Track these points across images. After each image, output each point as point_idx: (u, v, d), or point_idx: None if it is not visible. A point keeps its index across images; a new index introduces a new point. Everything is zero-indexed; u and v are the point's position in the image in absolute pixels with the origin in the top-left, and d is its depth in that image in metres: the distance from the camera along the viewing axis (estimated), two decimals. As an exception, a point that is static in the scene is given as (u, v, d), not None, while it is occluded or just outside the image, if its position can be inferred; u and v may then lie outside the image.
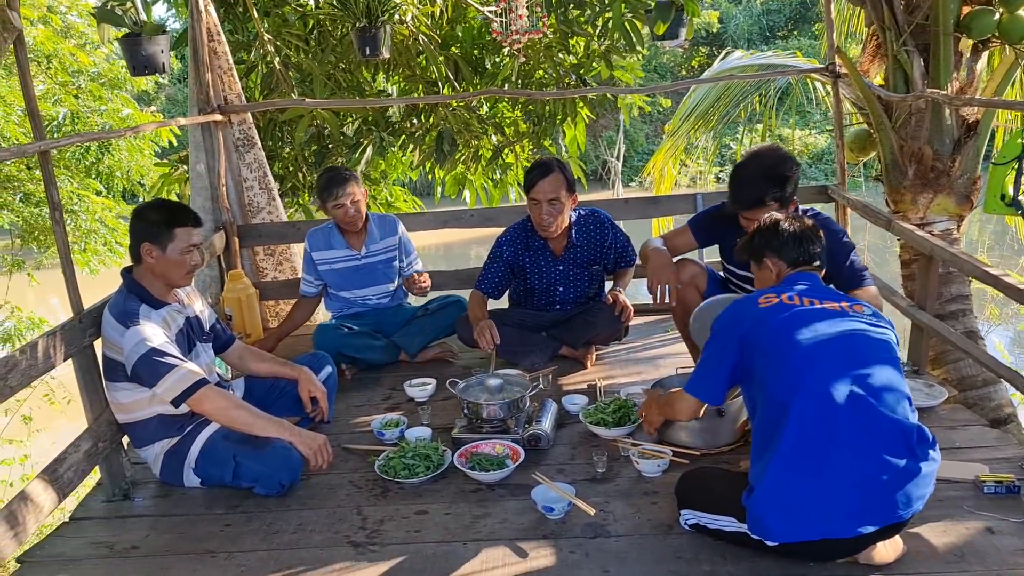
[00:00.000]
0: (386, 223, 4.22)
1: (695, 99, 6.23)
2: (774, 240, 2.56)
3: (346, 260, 4.11)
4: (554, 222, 3.67)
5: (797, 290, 2.38)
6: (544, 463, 3.04)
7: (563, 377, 3.87)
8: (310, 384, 3.29)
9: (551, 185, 3.60)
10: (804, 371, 2.17)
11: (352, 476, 3.05)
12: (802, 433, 2.12)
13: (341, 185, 3.92)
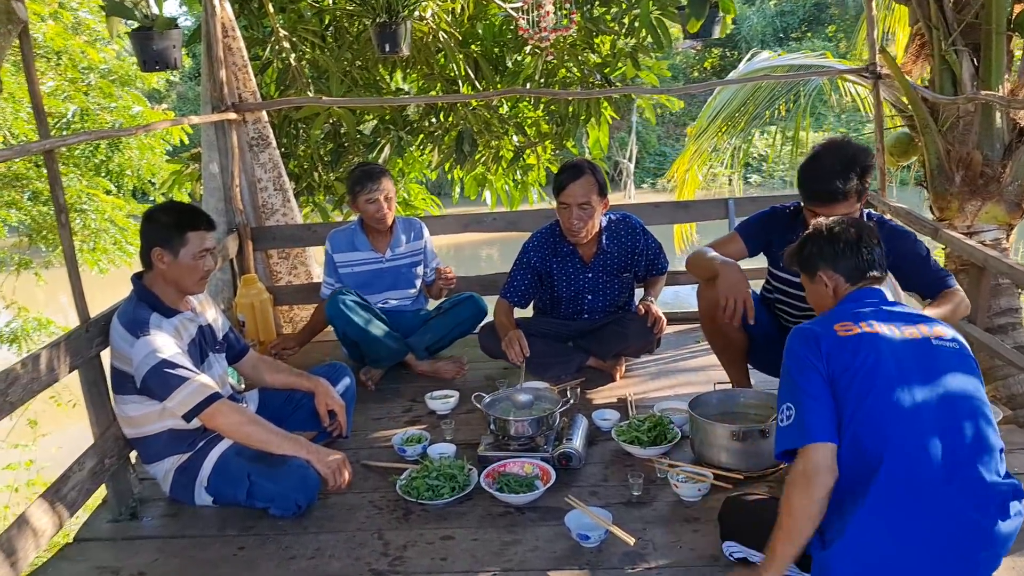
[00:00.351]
0: (412, 227, 4.07)
1: (721, 101, 6.05)
2: (829, 249, 2.27)
3: (369, 263, 3.96)
4: (584, 227, 3.49)
5: (872, 314, 2.11)
6: (576, 484, 2.87)
7: (591, 390, 3.69)
8: (327, 397, 3.12)
9: (582, 188, 3.43)
10: (898, 424, 1.93)
11: (372, 496, 2.88)
12: (892, 492, 1.90)
13: (376, 179, 3.79)
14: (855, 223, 2.32)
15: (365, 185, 3.78)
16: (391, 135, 5.74)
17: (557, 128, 5.60)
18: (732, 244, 3.16)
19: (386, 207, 3.84)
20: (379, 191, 3.79)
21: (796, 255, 2.39)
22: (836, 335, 2.04)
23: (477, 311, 4.00)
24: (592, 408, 3.43)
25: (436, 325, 3.96)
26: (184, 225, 2.79)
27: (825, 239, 2.31)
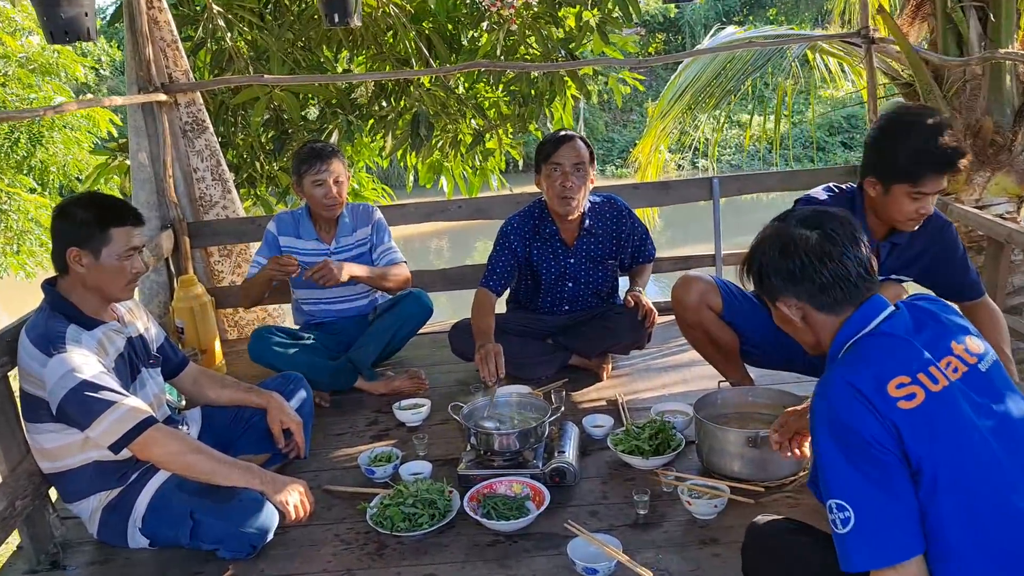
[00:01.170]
0: (360, 212, 3.62)
1: (687, 77, 5.75)
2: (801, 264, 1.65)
3: (314, 254, 3.50)
4: (578, 193, 3.16)
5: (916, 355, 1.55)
6: (571, 504, 2.52)
7: (576, 392, 3.34)
8: (281, 413, 2.73)
9: (575, 150, 3.13)
10: (989, 494, 1.46)
11: (339, 528, 2.49)
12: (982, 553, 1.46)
13: (324, 159, 3.35)
14: (812, 219, 1.72)
15: (312, 165, 3.35)
16: (339, 119, 5.29)
17: (520, 109, 5.23)
18: None
19: (335, 190, 3.39)
20: (327, 172, 3.36)
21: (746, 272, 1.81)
22: (896, 406, 1.48)
23: (420, 308, 3.53)
24: (580, 413, 3.09)
25: (376, 333, 3.48)
26: (106, 220, 2.36)
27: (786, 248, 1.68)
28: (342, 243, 3.54)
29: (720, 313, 2.86)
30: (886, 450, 1.46)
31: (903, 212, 2.41)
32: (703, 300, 2.84)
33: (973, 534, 1.43)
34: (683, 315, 2.91)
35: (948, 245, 2.60)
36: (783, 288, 1.69)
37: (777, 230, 1.73)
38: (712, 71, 5.45)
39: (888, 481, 1.45)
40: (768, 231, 1.76)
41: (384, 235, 3.61)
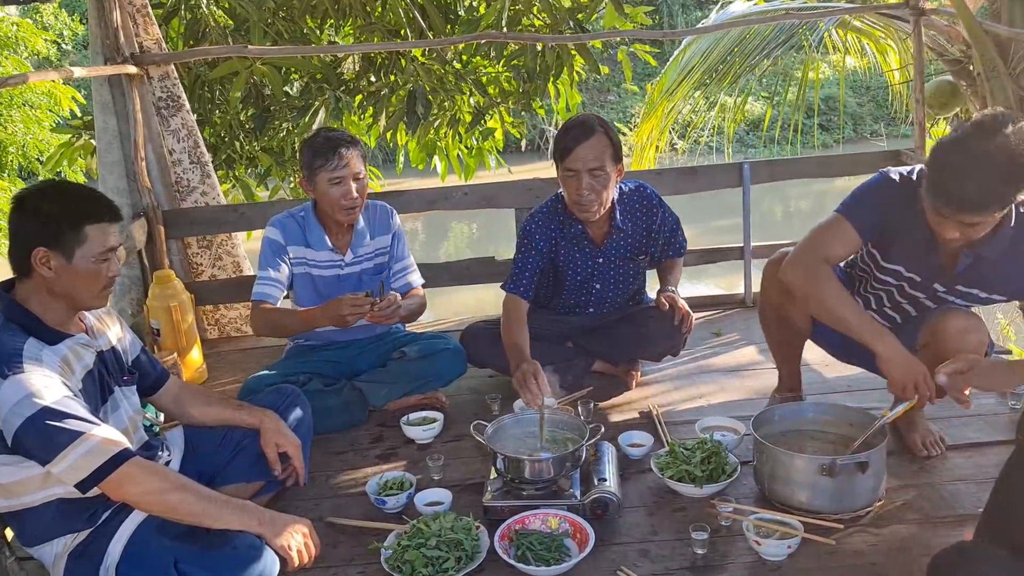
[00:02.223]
0: (378, 215, 3.09)
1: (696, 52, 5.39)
2: None
3: (324, 266, 2.99)
4: (597, 200, 2.78)
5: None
6: (616, 541, 2.19)
7: (602, 403, 3.00)
8: (277, 435, 2.36)
9: (593, 150, 2.71)
10: None
11: (348, 572, 2.16)
12: None
13: (344, 152, 2.78)
14: None
15: (329, 159, 2.77)
16: (326, 95, 4.88)
17: (523, 85, 4.85)
18: (843, 238, 2.30)
19: (357, 191, 2.83)
20: (345, 167, 2.79)
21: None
22: None
23: (458, 367, 3.06)
24: (610, 427, 2.76)
25: (401, 377, 3.00)
26: (80, 216, 1.97)
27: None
28: (358, 253, 3.02)
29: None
30: None
31: (930, 222, 2.14)
32: None
33: None
34: (778, 299, 2.55)
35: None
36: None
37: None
38: (725, 47, 5.10)
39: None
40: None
41: (404, 247, 3.13)
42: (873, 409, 2.69)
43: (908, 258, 2.34)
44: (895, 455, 2.50)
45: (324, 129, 2.89)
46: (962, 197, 1.99)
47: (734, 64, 4.79)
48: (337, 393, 2.94)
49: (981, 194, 1.98)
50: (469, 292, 4.37)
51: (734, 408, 2.87)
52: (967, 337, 2.25)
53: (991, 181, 1.96)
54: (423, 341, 3.09)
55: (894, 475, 2.39)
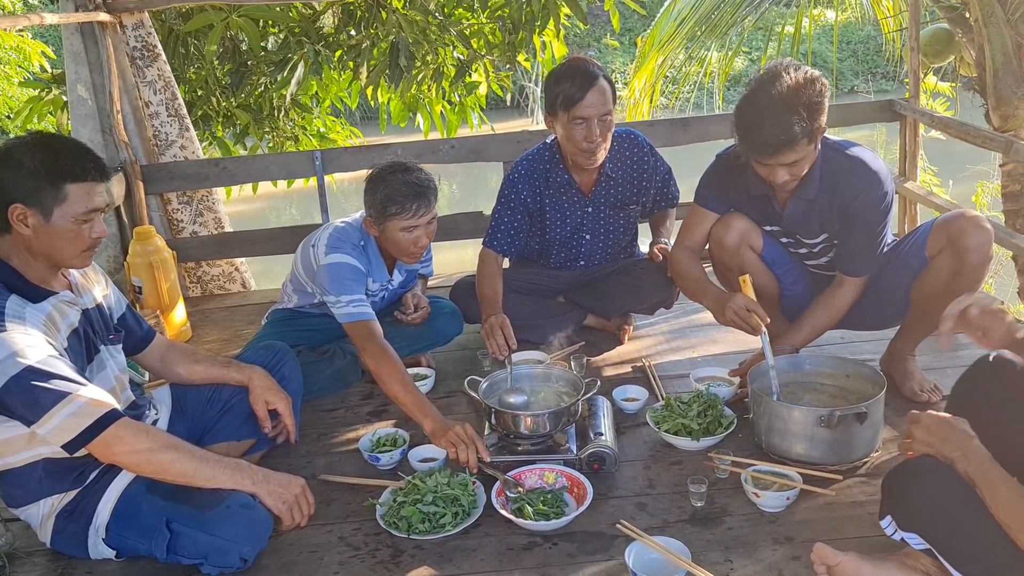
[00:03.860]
0: None
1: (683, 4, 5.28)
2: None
3: (376, 290, 2.88)
4: (604, 144, 2.75)
5: None
6: (614, 496, 2.18)
7: (595, 358, 2.98)
8: (267, 392, 2.32)
9: (601, 95, 2.65)
10: None
11: (343, 530, 2.12)
12: None
13: (427, 199, 2.60)
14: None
15: (409, 207, 2.57)
16: (305, 50, 4.73)
17: (508, 37, 4.73)
18: (701, 222, 2.62)
19: (425, 240, 2.68)
20: (425, 216, 2.62)
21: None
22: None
23: (456, 329, 3.03)
24: (604, 381, 2.73)
25: (396, 339, 2.70)
26: (61, 173, 1.88)
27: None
28: (402, 270, 2.93)
29: (760, 253, 2.60)
30: None
31: (760, 173, 2.34)
32: (744, 240, 2.58)
33: None
34: (722, 257, 2.61)
35: (863, 205, 2.37)
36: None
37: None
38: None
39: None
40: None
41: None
42: (869, 360, 2.69)
43: (755, 214, 2.54)
44: (891, 405, 2.48)
45: (401, 168, 2.65)
46: (768, 142, 2.17)
47: (724, 14, 4.70)
48: (329, 361, 2.87)
49: (783, 132, 2.15)
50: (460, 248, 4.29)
51: (727, 361, 2.86)
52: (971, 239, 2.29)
53: (787, 118, 2.14)
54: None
55: (891, 425, 2.39)
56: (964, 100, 4.45)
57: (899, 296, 2.49)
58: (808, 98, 2.17)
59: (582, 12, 4.44)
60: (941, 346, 1.76)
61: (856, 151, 2.40)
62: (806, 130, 2.17)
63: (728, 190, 2.56)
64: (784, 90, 2.16)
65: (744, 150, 2.28)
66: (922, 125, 3.62)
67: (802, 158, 2.23)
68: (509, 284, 3.00)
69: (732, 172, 2.52)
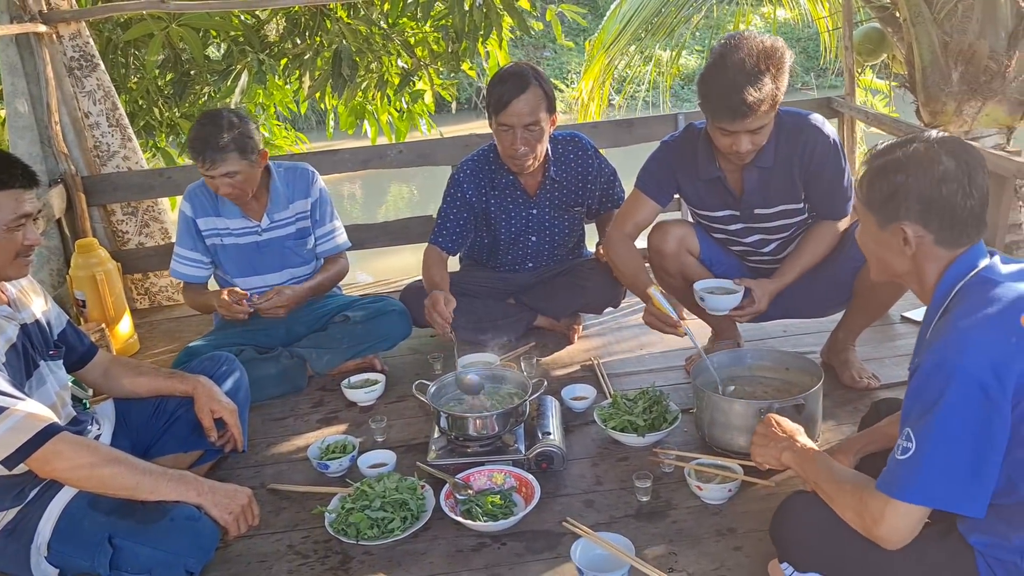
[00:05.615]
0: (296, 179, 2.96)
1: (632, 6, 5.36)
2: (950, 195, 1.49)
3: (240, 234, 2.91)
4: (531, 153, 2.75)
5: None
6: (562, 494, 2.21)
7: (546, 358, 3.01)
8: (212, 401, 2.29)
9: (528, 104, 2.67)
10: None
11: (292, 538, 2.11)
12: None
13: (213, 153, 2.64)
14: (956, 147, 1.54)
15: (200, 158, 2.67)
16: (249, 59, 4.70)
17: (452, 46, 4.74)
18: (640, 208, 2.60)
19: (229, 189, 2.72)
20: (216, 168, 2.67)
21: (871, 182, 1.59)
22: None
23: (403, 328, 3.00)
24: (553, 381, 2.76)
25: (344, 341, 2.92)
26: None
27: (920, 171, 1.51)
28: (275, 219, 2.92)
29: (698, 256, 2.64)
30: (997, 408, 1.37)
31: (719, 145, 2.35)
32: (682, 245, 2.61)
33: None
34: (662, 264, 2.63)
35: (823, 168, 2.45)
36: (916, 214, 1.51)
37: (926, 154, 1.52)
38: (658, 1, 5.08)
39: (983, 447, 1.39)
40: (915, 152, 1.53)
41: (327, 211, 3.01)
42: (810, 352, 2.76)
43: (706, 199, 2.56)
44: (831, 396, 2.56)
45: (206, 118, 2.70)
46: (746, 101, 2.17)
47: (669, 16, 4.78)
48: (275, 361, 2.87)
49: (757, 91, 2.17)
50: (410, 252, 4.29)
51: (673, 357, 2.91)
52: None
53: (760, 78, 2.17)
54: (366, 304, 3.03)
55: (831, 417, 2.45)
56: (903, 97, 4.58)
57: (842, 286, 2.56)
58: (776, 60, 2.22)
59: (524, 23, 4.47)
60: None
61: (790, 111, 2.48)
62: (775, 91, 2.22)
63: (674, 177, 2.57)
64: (754, 52, 2.20)
65: (714, 116, 2.27)
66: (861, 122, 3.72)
67: (766, 124, 2.28)
68: (459, 287, 3.02)
69: (679, 158, 2.54)
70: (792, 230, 2.59)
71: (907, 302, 3.17)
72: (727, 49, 2.24)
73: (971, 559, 1.48)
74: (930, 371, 1.43)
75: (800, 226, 2.59)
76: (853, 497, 1.53)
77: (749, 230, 2.59)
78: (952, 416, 1.38)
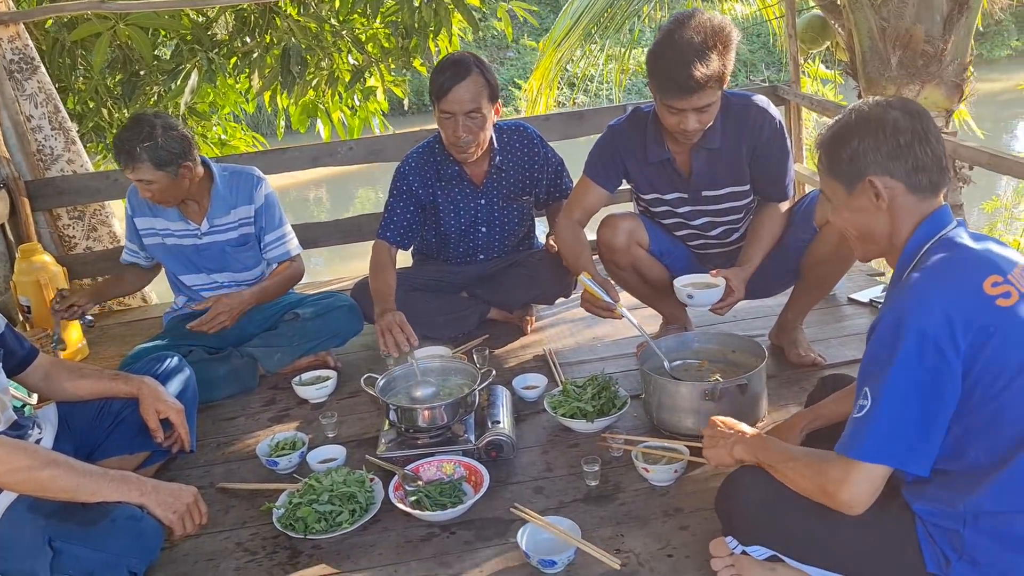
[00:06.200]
0: (240, 184, 2.90)
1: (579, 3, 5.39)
2: (886, 143, 1.52)
3: (180, 235, 2.89)
4: (474, 141, 2.76)
5: (1005, 259, 1.50)
6: (512, 481, 2.21)
7: (499, 350, 3.01)
8: (157, 401, 2.26)
9: (469, 92, 2.67)
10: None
11: (240, 535, 2.10)
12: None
13: (127, 159, 2.62)
14: (902, 104, 1.59)
15: (119, 161, 2.66)
16: (198, 58, 4.64)
17: (402, 42, 4.72)
18: (588, 193, 2.64)
19: (150, 194, 2.70)
20: (134, 173, 2.65)
21: (830, 152, 1.62)
22: (995, 304, 1.42)
23: (354, 324, 2.98)
24: (507, 373, 2.77)
25: (294, 339, 2.90)
26: None
27: (873, 126, 1.54)
28: (215, 224, 2.87)
29: (648, 248, 2.65)
30: (947, 364, 1.40)
31: (667, 124, 2.37)
32: (632, 238, 2.61)
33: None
34: (613, 258, 2.64)
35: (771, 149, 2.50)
36: (880, 165, 1.54)
37: (873, 111, 1.57)
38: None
39: (934, 391, 1.41)
40: (863, 112, 1.58)
41: (275, 217, 2.94)
42: (757, 336, 2.79)
43: (656, 182, 2.58)
44: (777, 378, 2.60)
45: (130, 124, 2.66)
46: (683, 81, 2.20)
47: (619, 10, 4.80)
48: (225, 361, 2.84)
49: (706, 67, 2.20)
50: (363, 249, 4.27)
51: (626, 344, 2.93)
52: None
53: (708, 54, 2.20)
54: (315, 301, 3.01)
55: (777, 397, 2.48)
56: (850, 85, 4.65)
57: (789, 266, 2.59)
58: (724, 37, 2.24)
59: (475, 20, 4.47)
60: None
61: (736, 93, 2.52)
62: (723, 69, 2.25)
63: (622, 162, 2.58)
64: (702, 29, 2.22)
65: (662, 92, 2.28)
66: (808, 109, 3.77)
67: (713, 103, 2.30)
68: (411, 282, 3.03)
69: (626, 143, 2.56)
70: (739, 214, 2.62)
71: (854, 283, 3.24)
72: (676, 25, 2.26)
73: (912, 527, 1.50)
74: (887, 327, 1.46)
75: (745, 210, 2.62)
76: (811, 469, 1.54)
77: (697, 212, 2.62)
78: (905, 372, 1.41)
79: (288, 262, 2.99)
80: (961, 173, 3.37)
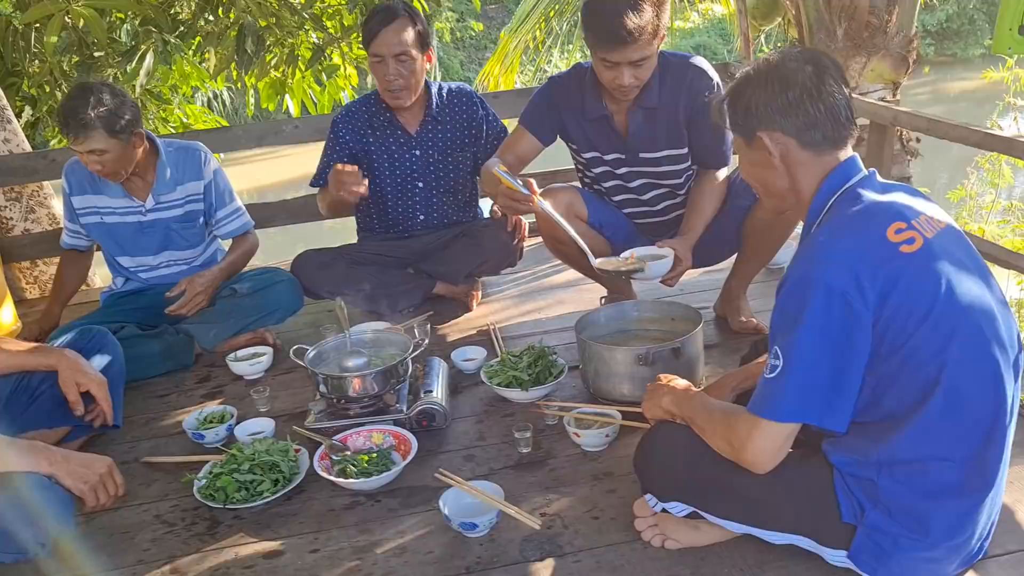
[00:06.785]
0: (187, 160, 2.83)
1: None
2: (797, 96, 1.48)
3: (123, 213, 2.81)
4: (405, 85, 2.78)
5: (910, 208, 1.46)
6: (443, 451, 2.17)
7: (443, 325, 2.96)
8: (77, 374, 2.19)
9: (397, 35, 2.70)
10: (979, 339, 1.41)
11: (159, 507, 2.04)
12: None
13: (77, 128, 2.52)
14: (805, 56, 1.56)
15: (67, 134, 2.56)
16: (153, 39, 4.55)
17: (363, 19, 4.66)
18: (521, 141, 2.59)
19: (99, 167, 2.61)
20: (81, 144, 2.55)
21: (730, 105, 1.59)
22: (899, 251, 1.38)
23: (294, 299, 2.92)
24: (448, 347, 2.72)
25: (232, 315, 2.81)
26: None
27: (766, 80, 1.52)
28: (161, 200, 2.80)
29: (587, 220, 2.61)
30: (858, 319, 1.36)
31: (603, 79, 2.35)
32: (571, 211, 2.57)
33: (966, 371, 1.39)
34: (553, 233, 2.58)
35: (703, 106, 2.43)
36: (770, 119, 1.51)
37: (769, 63, 1.54)
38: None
39: (846, 347, 1.38)
40: (760, 65, 1.56)
41: (225, 194, 2.90)
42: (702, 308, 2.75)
43: (594, 140, 2.55)
44: (720, 347, 2.57)
45: (75, 92, 2.58)
46: (616, 30, 2.17)
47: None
48: (159, 339, 2.77)
49: (639, 17, 2.17)
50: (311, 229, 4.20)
51: (570, 318, 2.87)
52: None
53: (635, 5, 2.17)
54: (253, 276, 2.94)
55: (718, 364, 2.45)
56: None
57: (732, 232, 2.56)
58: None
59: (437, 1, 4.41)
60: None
61: (675, 53, 2.49)
62: (657, 22, 2.22)
63: (559, 115, 2.56)
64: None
65: (596, 43, 2.26)
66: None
67: (648, 57, 2.27)
68: (355, 257, 2.99)
69: (565, 96, 2.53)
70: (678, 179, 2.58)
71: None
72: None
73: (829, 479, 1.48)
74: (794, 284, 1.43)
75: (684, 175, 2.59)
76: (722, 424, 1.52)
77: (635, 174, 2.58)
78: (813, 327, 1.37)
79: (245, 235, 2.96)
80: (909, 146, 3.35)
